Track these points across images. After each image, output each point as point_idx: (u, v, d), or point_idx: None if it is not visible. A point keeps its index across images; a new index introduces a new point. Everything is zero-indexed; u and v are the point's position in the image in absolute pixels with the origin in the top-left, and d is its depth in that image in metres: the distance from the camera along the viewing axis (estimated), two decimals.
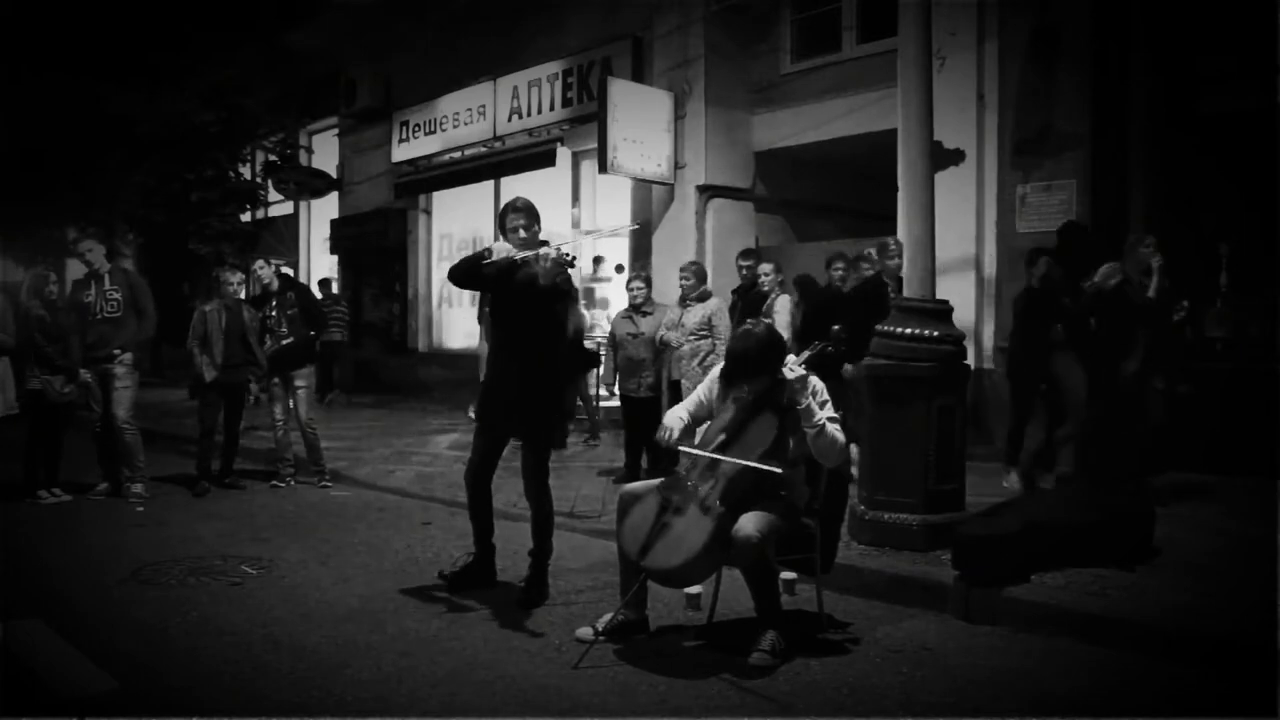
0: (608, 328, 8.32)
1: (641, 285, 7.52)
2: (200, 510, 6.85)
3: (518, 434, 4.62)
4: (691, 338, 7.11)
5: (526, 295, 4.38)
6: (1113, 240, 6.95)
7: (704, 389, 4.20)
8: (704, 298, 7.29)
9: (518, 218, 4.56)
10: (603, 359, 8.05)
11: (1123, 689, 3.58)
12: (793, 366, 3.87)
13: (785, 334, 7.08)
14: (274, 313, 7.62)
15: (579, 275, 11.10)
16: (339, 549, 5.67)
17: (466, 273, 4.52)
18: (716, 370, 4.23)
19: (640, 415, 7.20)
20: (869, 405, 5.38)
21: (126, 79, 14.51)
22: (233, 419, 7.81)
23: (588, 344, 9.94)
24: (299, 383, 7.62)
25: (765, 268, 7.51)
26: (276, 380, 7.64)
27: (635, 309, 7.44)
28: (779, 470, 3.78)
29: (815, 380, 3.91)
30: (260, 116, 14.28)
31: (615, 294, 11.90)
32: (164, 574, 5.05)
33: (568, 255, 4.28)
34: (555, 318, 4.49)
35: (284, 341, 7.57)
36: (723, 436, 3.93)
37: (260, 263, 8.06)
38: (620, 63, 10.97)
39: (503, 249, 4.44)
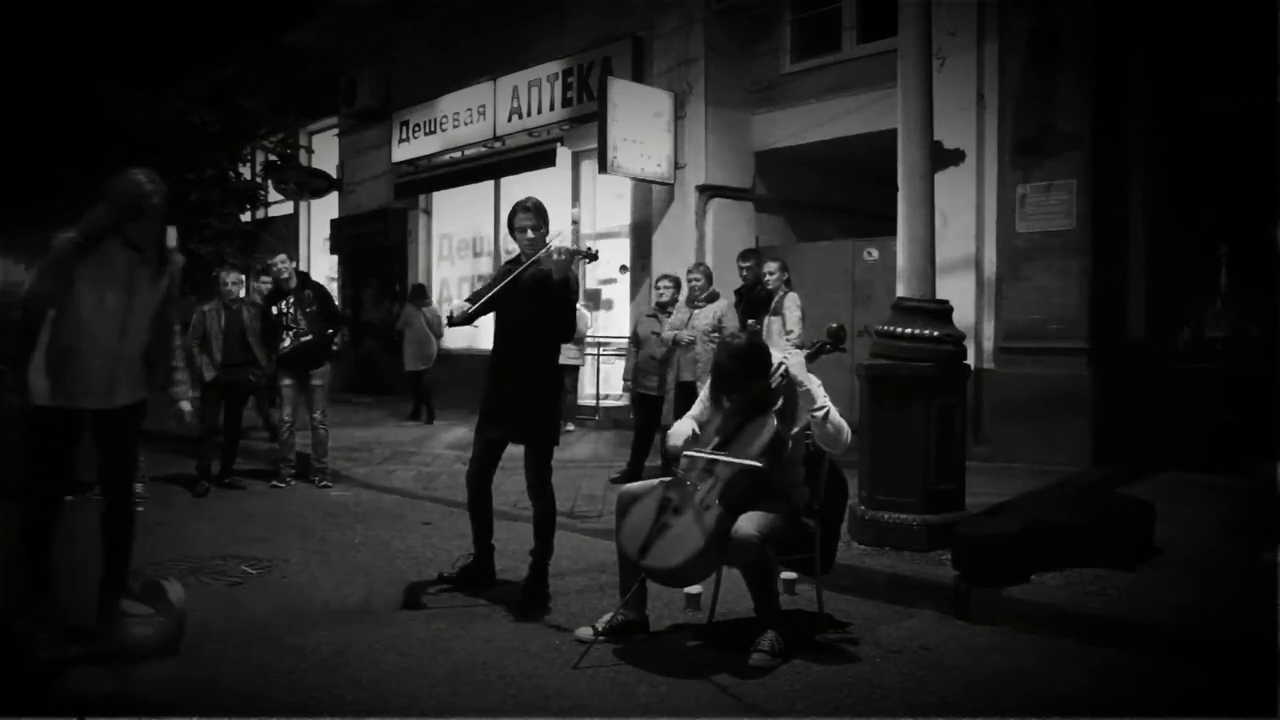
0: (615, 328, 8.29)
1: (669, 285, 7.45)
2: (200, 510, 6.85)
3: (520, 437, 4.57)
4: (705, 338, 7.09)
5: (536, 296, 4.38)
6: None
7: (710, 391, 4.20)
8: (713, 298, 7.21)
9: (528, 218, 4.54)
10: (626, 356, 8.01)
11: (1123, 689, 3.58)
12: (792, 350, 3.87)
13: (796, 331, 7.07)
14: (291, 310, 7.55)
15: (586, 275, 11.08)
16: (339, 549, 5.67)
17: (466, 320, 4.49)
18: None
19: (656, 413, 7.21)
20: (868, 405, 5.38)
21: (126, 79, 14.49)
22: (233, 419, 7.81)
23: (582, 346, 9.94)
24: (315, 380, 7.63)
25: (770, 266, 7.45)
26: (290, 381, 7.62)
27: (661, 308, 7.39)
28: (759, 465, 3.76)
29: (814, 377, 3.92)
30: (260, 116, 14.25)
31: (616, 294, 11.91)
32: (164, 574, 5.03)
33: (590, 249, 4.33)
34: (565, 316, 4.48)
35: (303, 339, 7.52)
36: (719, 438, 3.94)
37: (282, 256, 7.88)
38: (620, 63, 10.97)
39: (459, 307, 4.46)
